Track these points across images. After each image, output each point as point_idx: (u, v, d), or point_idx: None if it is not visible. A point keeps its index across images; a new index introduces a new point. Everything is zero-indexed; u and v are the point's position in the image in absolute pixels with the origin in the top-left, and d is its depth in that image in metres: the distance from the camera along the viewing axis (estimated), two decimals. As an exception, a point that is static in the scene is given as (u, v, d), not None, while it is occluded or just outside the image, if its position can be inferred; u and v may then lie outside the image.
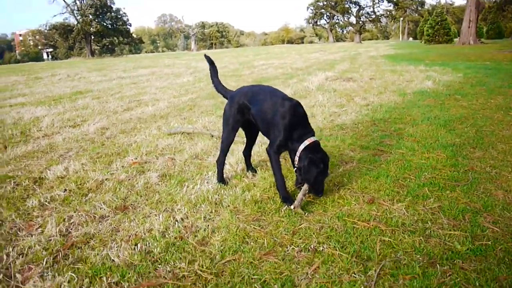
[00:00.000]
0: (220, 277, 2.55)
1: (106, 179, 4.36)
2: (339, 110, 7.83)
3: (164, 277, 2.55)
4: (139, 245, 2.93)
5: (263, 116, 3.77)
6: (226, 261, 2.72)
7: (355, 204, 3.55)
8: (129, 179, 4.37)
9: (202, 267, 2.65)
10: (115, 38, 77.03)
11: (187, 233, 3.13)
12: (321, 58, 26.21)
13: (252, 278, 2.52)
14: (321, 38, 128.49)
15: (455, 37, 47.67)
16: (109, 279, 2.53)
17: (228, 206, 3.61)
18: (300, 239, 2.99)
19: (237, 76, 15.94)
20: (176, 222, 3.31)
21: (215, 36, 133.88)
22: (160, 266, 2.68)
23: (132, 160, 5.01)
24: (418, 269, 2.55)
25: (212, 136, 5.88)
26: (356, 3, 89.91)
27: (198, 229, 3.18)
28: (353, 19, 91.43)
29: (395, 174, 4.23)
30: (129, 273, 2.59)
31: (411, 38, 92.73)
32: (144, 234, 3.13)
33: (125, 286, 2.47)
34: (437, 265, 2.60)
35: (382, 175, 4.22)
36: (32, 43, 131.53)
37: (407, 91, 9.89)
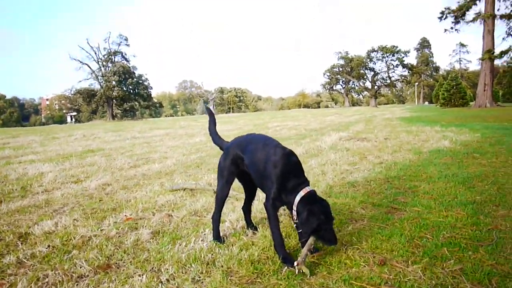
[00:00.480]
0: None
1: (94, 236, 4.05)
2: (351, 168, 7.50)
3: None
4: (113, 310, 2.56)
5: (256, 167, 3.51)
6: (209, 331, 2.32)
7: (364, 266, 3.14)
8: (119, 236, 4.05)
9: (180, 337, 2.25)
10: (136, 102, 79.68)
11: (170, 296, 2.75)
12: (336, 120, 26.26)
13: None
14: (337, 102, 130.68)
15: (470, 101, 47.69)
16: None
17: (222, 266, 3.23)
18: (298, 306, 2.58)
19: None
20: (160, 284, 2.94)
21: (233, 101, 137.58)
22: (131, 335, 2.29)
23: (126, 216, 4.71)
24: None
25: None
26: (371, 69, 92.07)
27: (183, 292, 2.80)
28: (368, 84, 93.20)
29: (410, 233, 3.82)
30: None
31: (426, 102, 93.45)
32: (122, 297, 2.76)
33: None
34: None
35: (395, 234, 3.81)
36: (57, 107, 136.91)
37: (423, 150, 9.54)
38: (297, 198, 3.28)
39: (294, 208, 3.28)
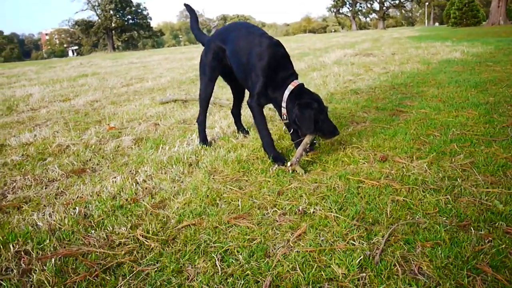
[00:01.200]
0: (168, 245, 1.88)
1: (72, 144, 3.75)
2: (354, 78, 7.03)
3: (93, 244, 1.90)
4: (77, 209, 2.28)
5: (238, 58, 3.06)
6: (183, 226, 2.04)
7: (364, 163, 2.81)
8: (99, 144, 3.74)
9: (148, 233, 1.98)
10: (135, 32, 77.28)
11: (143, 195, 2.47)
12: (341, 40, 25.14)
13: (211, 247, 1.84)
14: (344, 26, 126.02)
15: (483, 20, 45.41)
16: (18, 246, 1.90)
17: (206, 166, 2.93)
18: (286, 200, 2.29)
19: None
20: (136, 184, 2.65)
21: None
22: (93, 231, 2.03)
23: (109, 125, 4.39)
24: (444, 234, 1.81)
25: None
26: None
27: (159, 191, 2.52)
28: (376, 6, 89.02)
29: (416, 132, 3.46)
30: (47, 240, 1.94)
31: (437, 23, 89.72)
32: (91, 197, 2.48)
33: (34, 255, 1.82)
34: (471, 228, 1.86)
35: (399, 132, 3.45)
36: (58, 42, 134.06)
37: (432, 61, 8.95)
38: (286, 93, 2.89)
39: (283, 105, 2.90)
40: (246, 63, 2.98)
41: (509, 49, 10.66)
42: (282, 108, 2.93)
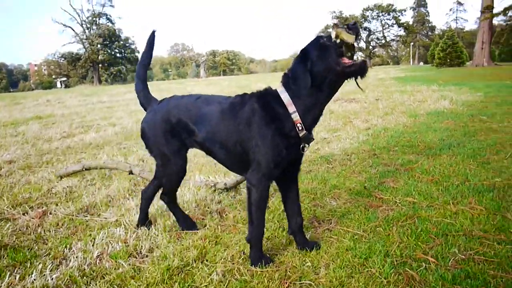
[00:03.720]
0: None
1: None
2: (330, 136, 5.99)
3: None
4: None
5: (220, 138, 2.40)
6: None
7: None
8: None
9: None
10: (123, 66, 76.87)
11: None
12: (325, 80, 24.48)
13: None
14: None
15: (467, 61, 45.71)
16: None
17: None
18: None
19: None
20: None
21: (225, 64, 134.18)
22: None
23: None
24: None
25: (131, 172, 4.00)
26: (366, 28, 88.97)
27: None
28: (363, 44, 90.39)
29: (400, 251, 2.34)
30: None
31: (421, 63, 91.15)
32: None
33: None
34: None
35: (375, 252, 2.33)
36: (46, 72, 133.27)
37: (420, 111, 8.02)
38: (280, 90, 2.26)
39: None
40: (238, 135, 2.32)
41: (499, 97, 9.86)
42: (293, 115, 2.22)
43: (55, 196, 3.66)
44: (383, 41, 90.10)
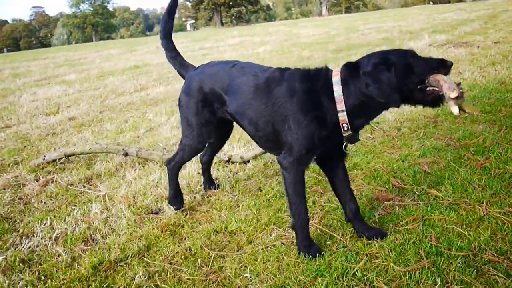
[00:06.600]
0: None
1: None
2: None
3: None
4: None
5: (253, 113, 2.26)
6: None
7: None
8: None
9: None
10: (243, 7, 77.61)
11: None
12: (449, 18, 21.45)
13: None
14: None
15: None
16: None
17: None
18: None
19: (322, 44, 13.42)
20: None
21: (349, 0, 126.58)
22: None
23: None
24: None
25: (126, 154, 3.62)
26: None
27: None
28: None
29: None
30: None
31: None
32: None
33: None
34: None
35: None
36: (177, 15, 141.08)
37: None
38: (336, 86, 2.04)
39: (340, 107, 2.03)
40: (270, 115, 2.19)
41: None
42: (340, 114, 2.03)
43: (71, 162, 3.76)
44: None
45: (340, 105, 2.01)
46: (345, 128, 2.05)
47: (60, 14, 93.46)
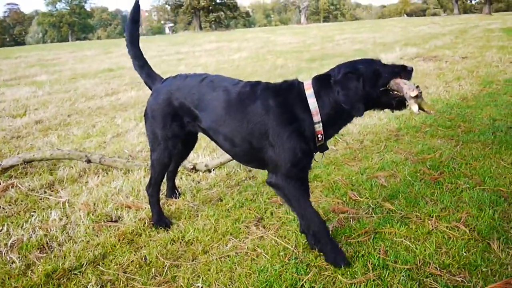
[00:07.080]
0: None
1: None
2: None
3: None
4: None
5: (228, 128, 2.24)
6: None
7: None
8: None
9: None
10: (222, 12, 77.70)
11: None
12: (423, 31, 22.08)
13: None
14: (446, 10, 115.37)
15: None
16: None
17: None
18: None
19: (297, 53, 13.58)
20: None
21: (327, 9, 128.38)
22: None
23: None
24: None
25: (89, 161, 3.53)
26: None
27: None
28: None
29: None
30: None
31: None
32: None
33: None
34: None
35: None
36: (156, 18, 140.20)
37: (499, 77, 6.76)
38: (310, 100, 2.10)
39: (316, 118, 2.08)
40: (246, 132, 2.18)
41: None
42: (316, 125, 2.09)
43: (34, 166, 3.69)
44: (511, -18, 78.38)
45: (316, 117, 2.08)
46: (320, 139, 2.12)
47: (35, 12, 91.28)
